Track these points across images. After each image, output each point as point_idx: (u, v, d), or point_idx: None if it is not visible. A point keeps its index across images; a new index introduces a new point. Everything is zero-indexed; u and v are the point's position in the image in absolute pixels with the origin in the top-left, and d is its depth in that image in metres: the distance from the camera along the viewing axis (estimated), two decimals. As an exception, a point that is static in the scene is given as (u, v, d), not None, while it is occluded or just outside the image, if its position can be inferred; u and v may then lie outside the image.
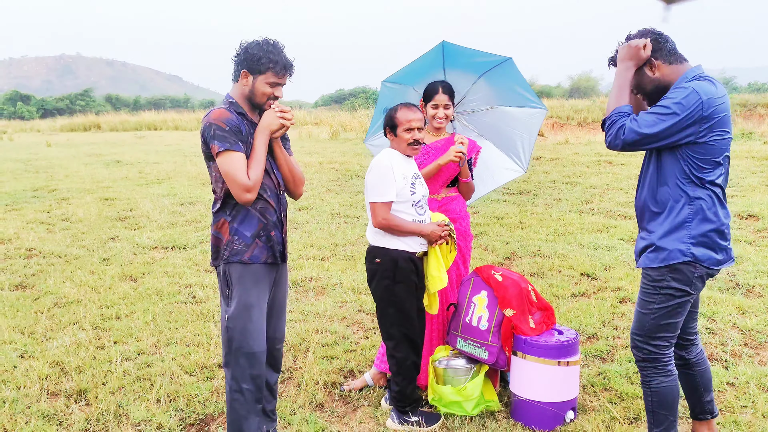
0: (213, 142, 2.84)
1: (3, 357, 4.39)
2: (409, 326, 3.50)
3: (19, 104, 59.26)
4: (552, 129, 21.59)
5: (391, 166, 3.36)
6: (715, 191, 2.74)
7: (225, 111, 2.90)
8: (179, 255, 7.08)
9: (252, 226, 2.97)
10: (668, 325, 2.84)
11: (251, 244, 2.96)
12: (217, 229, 3.01)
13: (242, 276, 2.96)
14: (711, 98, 2.62)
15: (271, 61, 2.90)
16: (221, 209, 3.00)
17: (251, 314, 2.97)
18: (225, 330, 3.00)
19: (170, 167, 14.63)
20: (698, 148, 2.67)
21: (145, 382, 4.02)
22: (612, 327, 4.79)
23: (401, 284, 3.43)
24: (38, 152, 19.91)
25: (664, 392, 2.89)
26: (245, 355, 2.98)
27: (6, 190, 11.76)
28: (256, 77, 2.92)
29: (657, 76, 2.81)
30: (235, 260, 2.96)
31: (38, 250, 7.36)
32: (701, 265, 2.74)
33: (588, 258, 6.50)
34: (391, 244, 3.42)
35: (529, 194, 10.34)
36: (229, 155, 2.83)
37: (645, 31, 2.86)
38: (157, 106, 62.00)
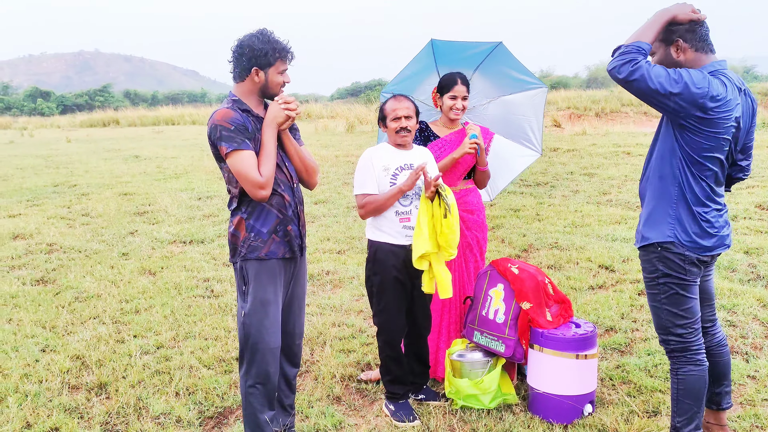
0: (221, 143, 2.84)
1: (25, 351, 4.46)
2: (385, 320, 3.56)
3: (39, 100, 59.91)
4: (569, 120, 21.40)
5: (371, 160, 3.48)
6: (705, 189, 2.77)
7: (229, 110, 2.89)
8: (197, 249, 7.13)
9: (269, 221, 2.97)
10: (680, 314, 2.86)
11: (268, 240, 2.97)
12: (234, 227, 3.01)
13: (259, 272, 2.97)
14: (716, 96, 2.62)
15: (277, 51, 2.91)
16: (237, 207, 3.00)
17: (267, 310, 2.98)
18: (241, 326, 3.02)
19: (188, 162, 14.72)
20: (692, 141, 2.71)
21: (165, 376, 4.06)
22: (630, 320, 4.76)
23: (377, 276, 3.52)
24: (58, 148, 20.13)
25: (691, 381, 2.88)
26: (261, 351, 2.99)
27: (27, 186, 11.92)
28: (267, 70, 2.93)
29: (680, 59, 2.80)
30: (252, 257, 2.96)
31: (59, 245, 7.45)
32: (687, 248, 2.78)
33: (606, 250, 6.45)
34: (374, 236, 3.53)
35: (546, 186, 10.28)
36: (238, 154, 2.83)
37: None
38: (175, 100, 62.34)
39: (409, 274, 3.51)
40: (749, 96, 2.85)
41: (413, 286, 3.56)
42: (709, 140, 2.70)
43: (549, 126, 19.49)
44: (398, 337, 3.62)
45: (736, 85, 2.75)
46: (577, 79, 48.18)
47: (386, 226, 3.48)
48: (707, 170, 2.75)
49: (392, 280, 3.50)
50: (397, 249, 3.48)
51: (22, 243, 7.56)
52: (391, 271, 3.49)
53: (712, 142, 2.71)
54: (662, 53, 2.85)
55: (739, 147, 2.87)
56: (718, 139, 2.71)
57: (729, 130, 2.71)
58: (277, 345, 3.04)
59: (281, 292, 3.07)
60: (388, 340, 3.59)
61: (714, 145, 2.71)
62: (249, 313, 2.98)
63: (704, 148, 2.71)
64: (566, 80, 45.03)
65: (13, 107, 58.04)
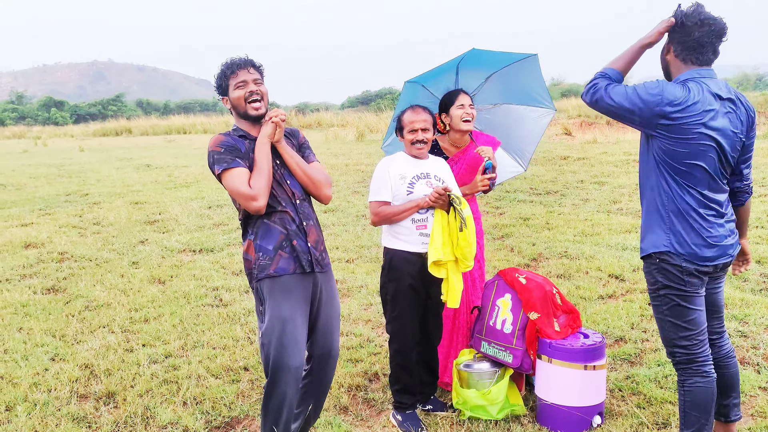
0: (213, 167, 2.90)
1: (35, 360, 4.48)
2: (399, 328, 3.56)
3: (53, 110, 60.49)
4: (580, 128, 21.32)
5: (387, 168, 3.51)
6: (695, 196, 2.76)
7: (220, 135, 2.98)
8: (207, 258, 7.15)
9: (273, 238, 2.95)
10: (682, 326, 2.84)
11: (275, 257, 2.94)
12: (245, 251, 3.02)
13: (272, 290, 2.94)
14: (673, 101, 2.68)
15: (224, 71, 2.98)
16: (245, 231, 3.03)
17: (285, 327, 2.89)
18: (261, 347, 2.96)
19: (198, 171, 14.79)
20: (668, 151, 2.75)
21: (172, 385, 4.07)
22: (641, 330, 4.72)
23: (392, 283, 3.53)
24: (71, 157, 20.30)
25: (698, 393, 2.86)
26: (281, 370, 2.87)
27: (40, 195, 12.02)
28: (228, 93, 3.00)
29: (668, 59, 2.91)
30: (263, 276, 2.94)
31: (70, 253, 7.50)
32: (683, 259, 2.77)
33: (616, 259, 6.41)
34: (390, 243, 3.55)
35: (556, 194, 10.24)
36: (228, 173, 2.87)
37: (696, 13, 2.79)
38: (187, 110, 62.71)
39: (424, 283, 3.52)
40: (743, 105, 2.82)
41: (427, 294, 3.58)
42: (683, 146, 2.72)
43: (559, 134, 19.44)
44: (410, 345, 3.60)
45: (715, 93, 2.74)
46: (588, 87, 48.00)
47: (402, 233, 3.49)
48: (692, 178, 2.75)
49: (407, 288, 3.51)
50: (413, 257, 3.49)
51: (34, 252, 7.62)
52: (406, 278, 3.49)
53: (687, 149, 2.72)
54: (663, 49, 2.93)
55: (736, 156, 2.83)
56: (691, 145, 2.71)
57: (703, 137, 2.70)
58: (298, 365, 2.92)
59: (300, 309, 2.97)
60: (399, 348, 3.58)
61: (689, 152, 2.72)
62: (266, 332, 2.91)
63: (681, 156, 2.73)
64: (577, 88, 44.90)
65: (28, 116, 58.64)
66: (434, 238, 3.42)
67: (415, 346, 3.63)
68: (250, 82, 2.97)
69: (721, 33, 2.80)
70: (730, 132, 2.76)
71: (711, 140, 2.72)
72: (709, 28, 2.76)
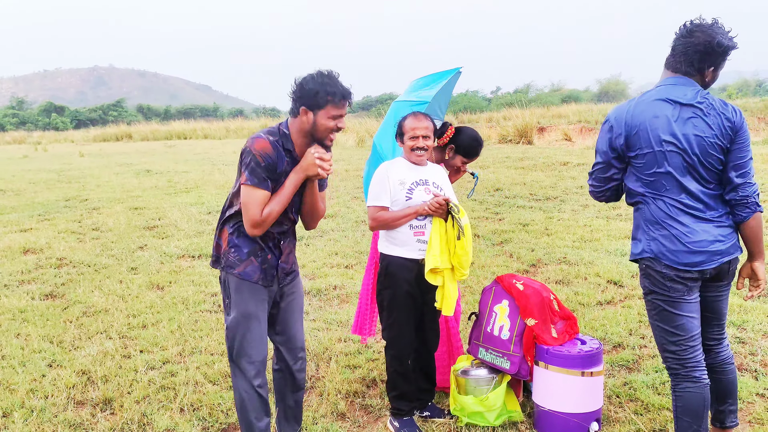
0: (245, 171, 2.83)
1: (32, 366, 4.47)
2: (395, 334, 3.56)
3: (53, 115, 60.63)
4: (580, 134, 21.35)
5: (387, 173, 3.51)
6: (669, 203, 2.79)
7: (269, 145, 2.84)
8: (205, 264, 7.15)
9: (249, 244, 2.97)
10: (670, 331, 2.86)
11: (246, 260, 2.96)
12: (218, 235, 3.04)
13: (239, 287, 2.98)
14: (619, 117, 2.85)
15: (329, 93, 2.79)
16: (227, 219, 3.01)
17: (249, 324, 2.98)
18: (226, 338, 3.04)
19: (198, 176, 14.82)
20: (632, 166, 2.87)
21: (170, 391, 4.06)
22: (638, 336, 4.71)
23: (389, 290, 3.52)
24: (71, 162, 20.33)
25: (688, 398, 2.86)
26: (246, 364, 3.01)
27: (39, 201, 12.03)
28: (317, 112, 2.82)
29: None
30: (230, 271, 2.98)
31: (69, 259, 7.50)
32: (664, 265, 2.80)
33: (615, 265, 6.40)
34: (387, 249, 3.54)
35: (555, 200, 10.24)
36: (252, 190, 2.82)
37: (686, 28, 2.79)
38: (187, 115, 62.89)
39: (421, 289, 3.52)
40: (715, 111, 2.74)
41: (424, 301, 3.57)
42: (641, 159, 2.80)
43: (559, 140, 19.47)
44: (407, 351, 3.61)
45: (672, 99, 2.76)
46: (588, 92, 48.18)
47: (400, 239, 3.48)
48: (661, 186, 2.79)
49: (404, 295, 3.50)
50: (410, 263, 3.49)
51: (33, 257, 7.62)
52: (403, 285, 3.49)
53: (644, 160, 2.79)
54: None
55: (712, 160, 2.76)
56: (647, 156, 2.78)
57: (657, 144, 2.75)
58: (262, 358, 3.03)
59: (264, 308, 3.04)
60: (396, 354, 3.59)
61: (647, 162, 2.79)
62: (231, 326, 3.00)
63: (643, 168, 2.81)
64: (577, 94, 45.02)
65: (28, 122, 58.76)
66: (432, 246, 3.43)
67: (412, 352, 3.63)
68: (343, 120, 2.89)
69: (709, 49, 2.72)
70: (693, 136, 2.73)
71: (668, 145, 2.73)
72: (694, 40, 2.74)
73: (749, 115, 21.57)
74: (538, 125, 21.53)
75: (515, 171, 12.67)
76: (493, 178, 11.98)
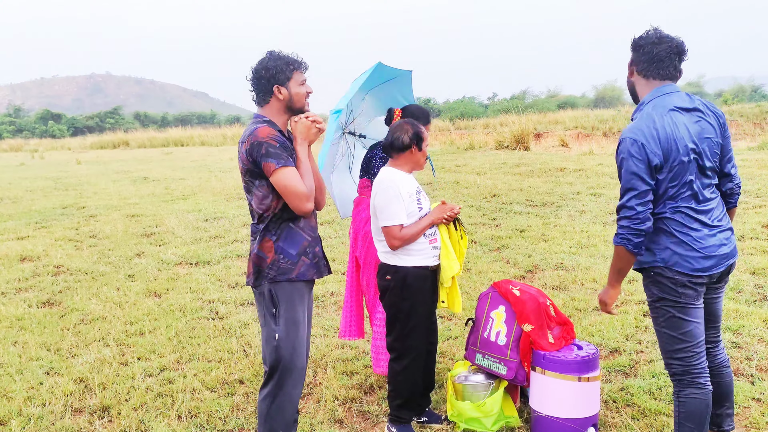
0: (267, 160, 2.83)
1: (30, 374, 4.47)
2: (413, 343, 3.53)
3: (50, 123, 60.60)
4: (577, 139, 21.41)
5: (397, 187, 3.41)
6: (683, 212, 2.79)
7: (271, 128, 2.92)
8: (203, 271, 7.16)
9: (296, 243, 2.99)
10: (678, 337, 2.85)
11: (297, 262, 2.98)
12: (260, 249, 2.98)
13: (291, 294, 2.98)
14: (648, 135, 2.75)
15: (290, 63, 2.96)
16: (265, 229, 2.98)
17: (299, 331, 3.01)
18: (274, 349, 2.98)
19: (195, 183, 14.82)
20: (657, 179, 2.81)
21: (167, 399, 4.06)
22: (635, 341, 4.73)
23: (407, 301, 3.47)
24: (68, 170, 20.32)
25: (692, 405, 2.87)
26: (292, 372, 3.00)
27: (36, 208, 12.02)
28: (288, 84, 2.96)
29: (633, 81, 2.98)
30: (282, 279, 2.96)
31: (66, 267, 7.49)
32: (675, 272, 2.79)
33: (611, 270, 6.41)
34: (402, 261, 3.46)
35: (552, 206, 10.26)
36: (285, 171, 2.84)
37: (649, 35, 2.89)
38: (184, 122, 62.88)
39: (431, 294, 3.57)
40: (710, 110, 2.88)
41: (431, 304, 3.62)
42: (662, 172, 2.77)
43: (555, 146, 19.51)
44: (421, 360, 3.60)
45: (678, 107, 2.81)
46: (584, 98, 48.32)
47: (416, 249, 3.46)
48: (679, 197, 2.79)
49: (422, 304, 3.52)
50: (427, 271, 3.50)
51: (30, 265, 7.61)
52: (423, 294, 3.50)
53: (670, 173, 2.77)
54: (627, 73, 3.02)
55: (717, 160, 2.88)
56: (674, 167, 2.76)
57: (682, 154, 2.74)
58: (305, 365, 3.06)
59: (307, 313, 3.10)
60: (409, 364, 3.54)
61: (674, 174, 2.76)
62: (283, 336, 2.97)
63: (661, 181, 2.78)
64: (573, 100, 45.15)
65: (25, 129, 58.72)
66: (449, 251, 3.50)
67: (423, 360, 3.64)
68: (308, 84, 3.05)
69: (681, 50, 2.86)
70: (705, 139, 2.81)
71: (692, 153, 2.76)
72: (668, 45, 2.84)
73: (745, 120, 21.67)
74: (535, 131, 21.59)
75: (512, 177, 12.69)
76: (490, 184, 12.00)
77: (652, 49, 2.85)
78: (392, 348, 3.60)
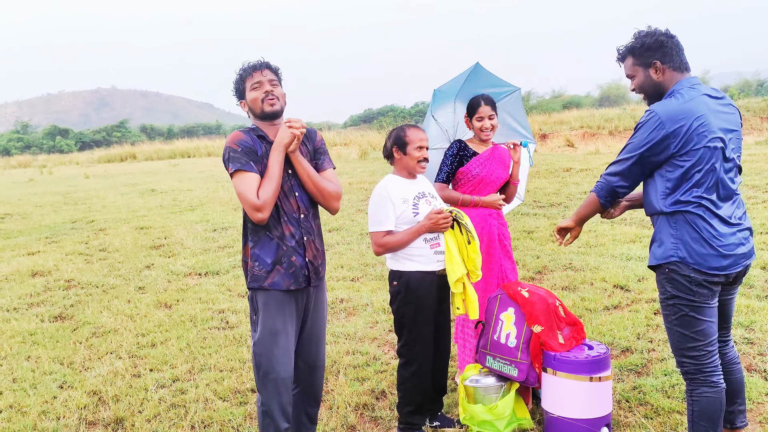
0: (227, 164, 2.91)
1: (43, 388, 4.50)
2: (419, 350, 3.53)
3: (57, 138, 60.98)
4: (583, 139, 21.37)
5: (387, 193, 3.44)
6: (705, 205, 2.75)
7: (240, 133, 2.97)
8: (212, 281, 7.18)
9: (271, 252, 2.97)
10: (691, 336, 2.83)
11: (272, 271, 2.97)
12: (244, 254, 3.06)
13: (266, 302, 2.99)
14: (673, 115, 2.71)
15: (240, 75, 3.03)
16: (246, 233, 3.04)
17: (277, 340, 2.98)
18: (252, 355, 3.04)
19: (203, 194, 14.88)
20: (670, 168, 2.77)
21: (180, 409, 4.08)
22: (647, 340, 4.71)
23: (411, 306, 3.48)
24: (77, 184, 20.44)
25: (706, 403, 2.85)
26: (272, 381, 3.00)
27: (46, 223, 12.09)
28: (246, 94, 3.02)
29: (659, 80, 2.88)
30: (256, 286, 2.98)
31: (77, 281, 7.54)
32: (692, 269, 2.76)
33: (621, 269, 6.40)
34: (404, 266, 3.48)
35: (559, 206, 10.25)
36: (240, 175, 2.86)
37: (655, 31, 2.86)
38: (190, 133, 63.17)
39: (438, 300, 3.56)
40: (730, 104, 2.88)
41: (440, 310, 3.60)
42: (690, 156, 2.72)
43: (561, 146, 19.49)
44: (428, 366, 3.60)
45: (706, 94, 2.80)
46: (589, 98, 48.20)
47: (417, 254, 3.46)
48: (700, 187, 2.75)
49: (426, 309, 3.51)
50: (430, 276, 3.49)
51: (41, 280, 7.66)
52: (425, 299, 3.49)
53: (694, 157, 2.72)
54: (642, 76, 2.93)
55: (738, 154, 2.87)
56: (698, 152, 2.71)
57: (708, 140, 2.71)
58: (288, 375, 3.03)
59: (292, 321, 3.04)
60: (416, 370, 3.54)
61: (697, 159, 2.72)
62: (258, 342, 2.99)
63: (690, 167, 2.73)
64: (578, 99, 45.06)
65: (33, 145, 59.10)
66: (453, 255, 3.47)
67: (431, 365, 3.64)
68: (266, 83, 2.99)
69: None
70: (732, 130, 2.80)
71: (715, 141, 2.73)
72: (676, 41, 2.86)
73: (752, 114, 21.56)
74: (540, 132, 21.58)
75: (518, 179, 12.69)
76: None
77: (671, 42, 2.83)
78: (400, 353, 3.61)
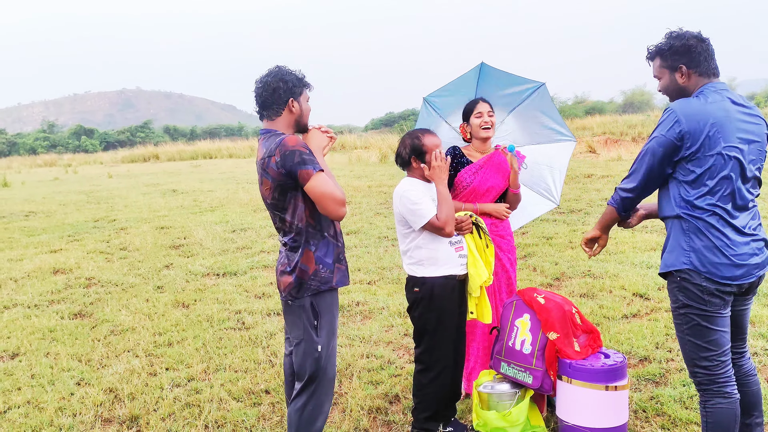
0: (303, 167, 2.80)
1: (61, 384, 4.55)
2: (441, 355, 3.51)
3: (83, 138, 61.89)
4: (605, 145, 21.19)
5: (416, 189, 3.43)
6: (719, 213, 2.70)
7: (297, 137, 2.93)
8: (230, 281, 7.22)
9: (330, 252, 3.01)
10: (703, 346, 2.78)
11: (334, 270, 3.01)
12: (302, 262, 2.95)
13: (331, 303, 3.02)
14: (690, 114, 2.66)
15: (302, 80, 3.03)
16: (306, 240, 2.95)
17: (335, 341, 3.07)
18: (315, 360, 2.99)
19: (223, 195, 14.98)
20: (683, 172, 2.73)
21: (195, 409, 4.09)
22: (665, 349, 4.64)
23: (434, 312, 3.45)
24: (100, 184, 20.70)
25: (719, 414, 2.80)
26: (329, 381, 3.06)
27: (69, 222, 12.26)
28: (299, 100, 3.01)
29: (684, 84, 2.83)
30: (324, 289, 2.98)
31: (97, 279, 7.62)
32: (703, 278, 2.71)
33: (641, 277, 6.33)
34: (429, 272, 3.45)
35: (579, 213, 10.17)
36: (321, 176, 2.83)
37: (685, 34, 2.81)
38: (213, 135, 63.72)
39: (458, 304, 3.55)
40: (757, 114, 2.80)
41: (458, 314, 3.59)
42: (706, 162, 2.68)
43: (583, 152, 19.33)
44: (449, 371, 3.58)
45: (730, 99, 2.74)
46: (612, 104, 47.82)
47: (443, 258, 3.45)
48: (715, 195, 2.70)
49: (448, 314, 3.49)
50: (452, 281, 3.48)
51: (62, 277, 7.76)
52: (449, 305, 3.48)
53: (709, 163, 2.67)
54: (668, 79, 2.88)
55: (760, 165, 2.82)
56: (709, 158, 2.67)
57: (726, 147, 2.66)
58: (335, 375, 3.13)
59: None
60: (435, 377, 3.52)
61: (711, 166, 2.67)
62: (325, 345, 3.00)
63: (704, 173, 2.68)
64: (602, 105, 44.73)
65: (59, 145, 60.04)
66: (476, 259, 3.48)
67: (450, 371, 3.61)
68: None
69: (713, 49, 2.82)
70: (752, 141, 2.74)
71: (731, 150, 2.68)
72: (706, 46, 2.79)
73: (778, 123, 21.20)
74: (562, 138, 21.38)
75: (539, 184, 12.61)
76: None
77: (701, 47, 2.78)
78: (419, 360, 3.57)
